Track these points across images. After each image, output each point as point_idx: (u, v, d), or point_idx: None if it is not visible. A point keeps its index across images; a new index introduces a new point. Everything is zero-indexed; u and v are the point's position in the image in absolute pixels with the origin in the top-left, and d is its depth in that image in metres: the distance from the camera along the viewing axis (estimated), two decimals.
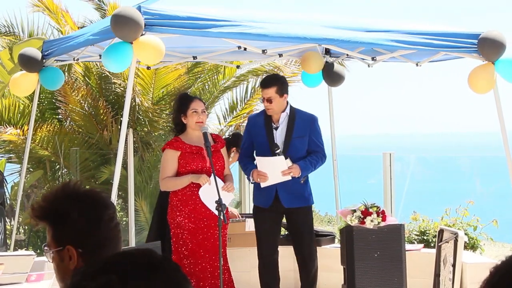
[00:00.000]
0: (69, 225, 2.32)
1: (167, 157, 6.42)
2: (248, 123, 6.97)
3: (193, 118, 6.39)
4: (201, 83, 11.55)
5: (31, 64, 7.29)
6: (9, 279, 5.73)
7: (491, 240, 9.61)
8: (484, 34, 6.37)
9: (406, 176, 12.14)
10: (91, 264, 1.56)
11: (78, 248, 2.30)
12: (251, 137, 6.80)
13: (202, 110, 6.44)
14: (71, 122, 11.39)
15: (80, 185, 2.38)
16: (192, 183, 6.32)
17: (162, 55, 5.83)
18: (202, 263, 6.32)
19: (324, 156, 6.82)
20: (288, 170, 6.55)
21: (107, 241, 2.34)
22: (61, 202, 2.34)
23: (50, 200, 2.35)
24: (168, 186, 6.43)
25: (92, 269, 1.54)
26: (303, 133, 6.72)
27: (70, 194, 2.35)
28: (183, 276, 1.58)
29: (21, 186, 8.11)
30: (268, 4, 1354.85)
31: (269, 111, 6.71)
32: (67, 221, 2.32)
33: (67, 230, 2.32)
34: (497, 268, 1.57)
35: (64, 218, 2.32)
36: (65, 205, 2.33)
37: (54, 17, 11.50)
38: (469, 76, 6.55)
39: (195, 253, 6.32)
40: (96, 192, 2.40)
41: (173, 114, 6.65)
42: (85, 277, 1.53)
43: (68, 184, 2.38)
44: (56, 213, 2.33)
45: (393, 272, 6.70)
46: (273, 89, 6.64)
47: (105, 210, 2.36)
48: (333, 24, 6.43)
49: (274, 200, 6.66)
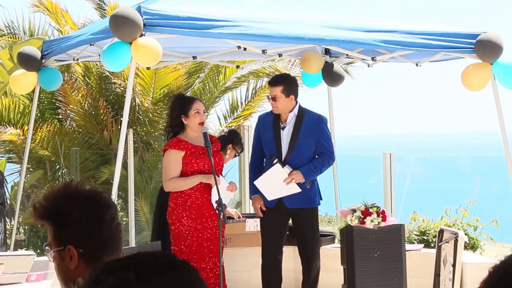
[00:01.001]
0: (70, 225, 2.31)
1: (171, 158, 6.36)
2: (258, 122, 6.97)
3: (196, 118, 6.36)
4: (201, 83, 11.55)
5: (30, 62, 7.29)
6: (9, 279, 5.73)
7: (491, 240, 9.61)
8: (481, 37, 6.35)
9: (406, 176, 12.15)
10: (111, 261, 1.59)
11: (79, 248, 2.30)
12: (260, 136, 6.82)
13: (203, 111, 6.45)
14: (71, 122, 11.39)
15: (82, 185, 2.38)
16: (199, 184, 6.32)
17: (158, 57, 5.83)
18: (202, 263, 6.32)
19: (331, 158, 6.78)
20: (289, 177, 6.55)
21: (108, 241, 2.34)
22: (63, 202, 2.33)
23: (52, 200, 2.34)
24: (176, 186, 6.36)
25: (112, 265, 1.56)
26: (309, 134, 6.70)
27: (72, 194, 2.34)
28: (200, 279, 1.59)
29: (21, 186, 8.11)
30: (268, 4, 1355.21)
31: (274, 110, 6.72)
32: (68, 221, 2.31)
33: (68, 230, 2.32)
34: (496, 268, 1.57)
35: (65, 218, 2.32)
36: (66, 205, 2.33)
37: (54, 17, 11.50)
38: (462, 73, 6.56)
39: (195, 253, 6.32)
40: (97, 192, 2.40)
41: (171, 114, 6.52)
42: (104, 272, 1.55)
43: (70, 184, 2.38)
44: (57, 213, 2.33)
45: (393, 272, 6.70)
46: (279, 88, 6.65)
47: (107, 211, 2.36)
48: (333, 24, 6.43)
49: (278, 200, 6.67)
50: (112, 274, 1.53)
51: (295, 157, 6.65)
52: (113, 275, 1.53)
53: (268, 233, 6.79)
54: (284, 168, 6.58)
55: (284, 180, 6.54)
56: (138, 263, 1.55)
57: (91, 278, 1.55)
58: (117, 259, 1.59)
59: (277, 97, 6.65)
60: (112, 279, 1.52)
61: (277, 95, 6.65)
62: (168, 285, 1.52)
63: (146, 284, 1.52)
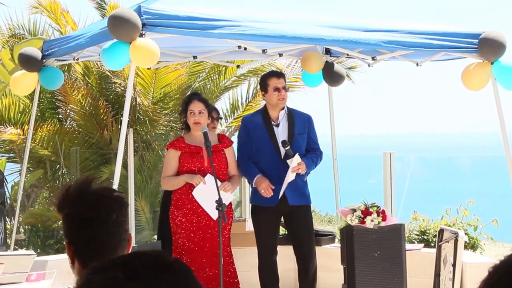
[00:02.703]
0: (64, 221, 2.39)
1: (169, 157, 6.51)
2: (245, 122, 6.86)
3: (190, 119, 6.46)
4: (202, 83, 11.55)
5: (31, 63, 7.30)
6: (9, 279, 5.73)
7: (491, 240, 9.61)
8: (485, 34, 6.38)
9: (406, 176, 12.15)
10: (104, 261, 1.58)
11: (72, 245, 2.37)
12: (249, 136, 6.75)
13: (199, 111, 6.44)
14: (71, 121, 11.39)
15: (91, 182, 2.41)
16: (191, 183, 6.34)
17: (156, 59, 5.84)
18: (202, 263, 6.33)
19: (321, 153, 6.88)
20: (297, 166, 6.57)
21: (98, 242, 2.35)
22: (67, 198, 2.39)
23: (63, 194, 2.41)
24: (167, 185, 6.54)
25: (103, 264, 1.56)
26: (303, 131, 6.77)
27: (77, 191, 2.39)
28: (193, 280, 1.57)
29: (21, 185, 8.11)
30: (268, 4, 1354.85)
31: (283, 102, 6.71)
32: (63, 217, 2.39)
33: (64, 226, 2.39)
34: (496, 268, 1.56)
35: (64, 213, 2.38)
36: (68, 201, 2.38)
37: (54, 18, 11.50)
38: (463, 73, 6.57)
39: (195, 252, 6.33)
40: (102, 193, 2.40)
41: (180, 113, 6.75)
42: (94, 271, 1.55)
43: (83, 180, 2.41)
44: (61, 207, 2.40)
45: (393, 272, 6.70)
46: (284, 80, 6.77)
47: (105, 212, 2.36)
48: (333, 24, 6.43)
49: (282, 197, 6.61)
50: (100, 273, 1.53)
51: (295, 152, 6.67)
52: (101, 274, 1.53)
53: (264, 235, 6.76)
54: (297, 156, 6.60)
55: (292, 168, 6.54)
56: (128, 262, 1.54)
57: (81, 278, 1.55)
58: (110, 258, 1.59)
59: (286, 87, 6.73)
60: (99, 278, 1.52)
61: (286, 85, 6.71)
62: (158, 285, 1.51)
63: (135, 283, 1.50)
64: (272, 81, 6.72)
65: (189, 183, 6.35)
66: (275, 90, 6.68)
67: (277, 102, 6.69)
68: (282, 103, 6.71)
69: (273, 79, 6.73)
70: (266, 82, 6.75)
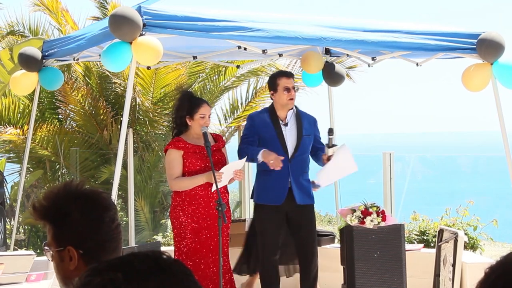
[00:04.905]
0: (70, 226, 2.30)
1: (173, 157, 6.37)
2: (252, 119, 6.78)
3: (200, 122, 6.34)
4: (202, 83, 11.55)
5: (31, 63, 7.30)
6: (9, 279, 5.73)
7: (491, 240, 9.61)
8: (484, 35, 6.38)
9: (406, 176, 12.13)
10: (102, 262, 1.57)
11: (78, 249, 2.29)
12: (257, 132, 6.65)
13: (209, 115, 6.44)
14: (71, 122, 11.40)
15: (82, 185, 2.36)
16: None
17: (160, 56, 5.82)
18: (204, 263, 6.32)
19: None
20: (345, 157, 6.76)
21: (108, 242, 2.33)
22: (62, 202, 2.32)
23: (51, 200, 2.33)
24: (181, 186, 6.34)
25: (101, 266, 1.55)
26: (310, 132, 6.78)
27: (72, 194, 2.33)
28: (193, 281, 1.57)
29: (21, 186, 8.11)
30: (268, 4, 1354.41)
31: (292, 102, 6.68)
32: (68, 221, 2.30)
33: (68, 231, 2.30)
34: (493, 268, 1.56)
35: (65, 218, 2.30)
36: (66, 205, 2.31)
37: (54, 17, 11.51)
38: (463, 74, 6.57)
39: (197, 252, 6.32)
40: (97, 192, 2.38)
41: (177, 112, 6.47)
42: (93, 272, 1.54)
43: (70, 183, 2.36)
44: (56, 213, 2.32)
45: (393, 272, 6.70)
46: (293, 80, 6.77)
47: (106, 211, 2.35)
48: (333, 24, 6.43)
49: (287, 197, 6.58)
50: (99, 275, 1.52)
51: (301, 153, 6.67)
52: (101, 275, 1.52)
53: (268, 235, 6.71)
54: (344, 146, 6.70)
55: (347, 159, 6.61)
56: (127, 263, 1.53)
57: (80, 279, 1.55)
58: (109, 259, 1.58)
59: (295, 87, 6.73)
60: (99, 279, 1.51)
61: (294, 87, 6.71)
62: (157, 286, 1.50)
63: (134, 284, 1.49)
64: (282, 80, 6.67)
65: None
66: (285, 90, 6.62)
67: (287, 102, 6.64)
68: (291, 103, 6.67)
69: (283, 79, 6.68)
70: (276, 81, 6.70)
